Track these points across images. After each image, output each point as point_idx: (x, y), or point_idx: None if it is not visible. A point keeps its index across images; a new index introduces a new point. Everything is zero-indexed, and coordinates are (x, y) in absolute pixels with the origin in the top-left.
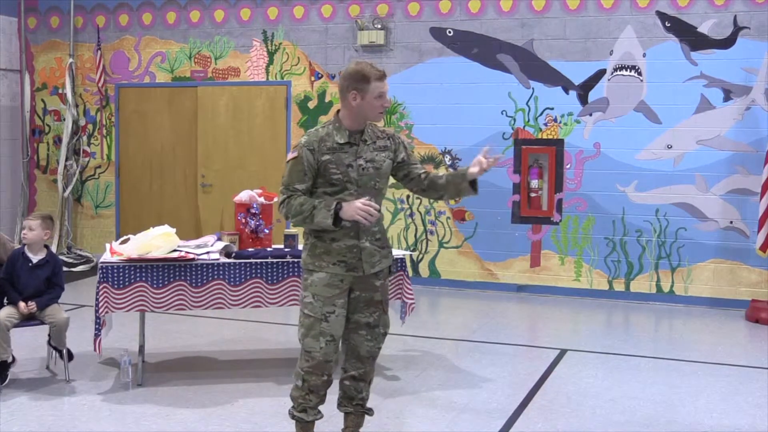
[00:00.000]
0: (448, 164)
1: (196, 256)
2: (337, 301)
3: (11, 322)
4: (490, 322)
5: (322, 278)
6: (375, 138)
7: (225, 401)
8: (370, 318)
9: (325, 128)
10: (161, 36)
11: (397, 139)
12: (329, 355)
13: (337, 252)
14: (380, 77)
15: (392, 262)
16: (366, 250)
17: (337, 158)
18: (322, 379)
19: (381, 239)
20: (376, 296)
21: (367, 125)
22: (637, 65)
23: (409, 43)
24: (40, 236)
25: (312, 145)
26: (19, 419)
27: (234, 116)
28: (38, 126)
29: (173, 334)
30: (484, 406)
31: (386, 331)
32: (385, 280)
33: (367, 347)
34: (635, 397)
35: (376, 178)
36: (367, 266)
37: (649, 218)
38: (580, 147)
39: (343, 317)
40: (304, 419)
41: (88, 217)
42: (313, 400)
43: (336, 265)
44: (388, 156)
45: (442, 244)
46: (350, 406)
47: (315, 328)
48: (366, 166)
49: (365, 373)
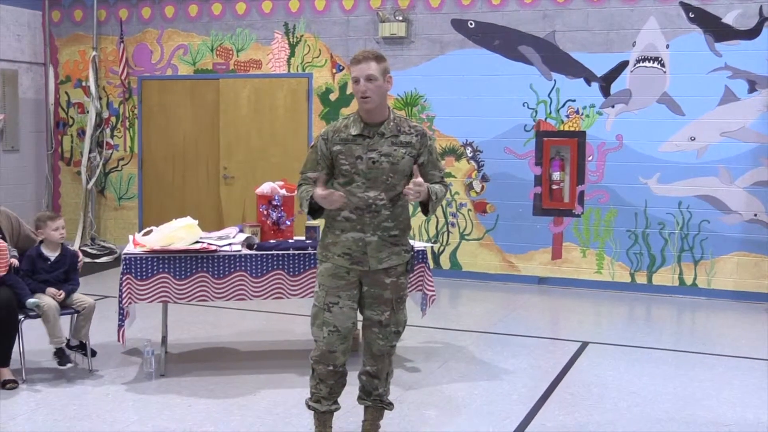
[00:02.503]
0: (470, 156)
1: (218, 248)
2: (342, 293)
3: (57, 307)
4: (511, 314)
5: (328, 268)
6: (397, 132)
7: (247, 392)
8: (381, 316)
9: (346, 119)
10: (183, 29)
11: (426, 140)
12: (333, 345)
13: (343, 244)
14: (354, 61)
15: (408, 261)
16: (372, 245)
17: (348, 149)
18: (328, 369)
19: (397, 236)
20: (386, 294)
21: (393, 118)
22: (661, 57)
23: (431, 35)
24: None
25: (327, 134)
26: (44, 408)
27: (256, 109)
28: (62, 118)
29: (195, 325)
30: (505, 398)
31: (399, 329)
32: (398, 278)
33: (379, 345)
34: (657, 390)
35: (389, 173)
36: (374, 261)
37: (672, 211)
38: (602, 139)
39: (349, 309)
40: (318, 409)
41: (111, 209)
42: (323, 390)
43: (341, 257)
44: (408, 153)
45: (463, 236)
46: (368, 400)
47: (319, 318)
48: (379, 159)
49: (378, 370)
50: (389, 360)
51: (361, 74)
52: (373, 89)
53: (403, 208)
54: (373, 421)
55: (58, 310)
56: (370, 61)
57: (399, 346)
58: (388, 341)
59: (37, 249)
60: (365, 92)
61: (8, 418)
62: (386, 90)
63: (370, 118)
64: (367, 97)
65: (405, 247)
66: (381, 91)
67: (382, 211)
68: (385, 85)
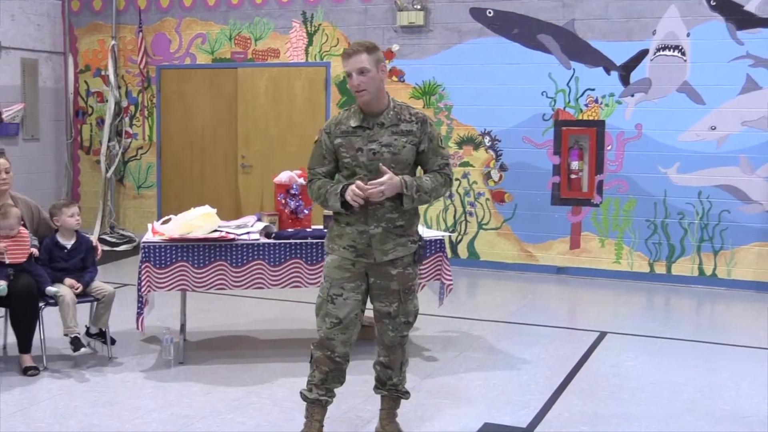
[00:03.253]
0: (488, 145)
1: (236, 237)
2: (347, 285)
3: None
4: (529, 303)
5: (333, 260)
6: (398, 121)
7: (265, 380)
8: (389, 307)
9: (347, 111)
10: (202, 17)
11: (427, 127)
12: (331, 333)
13: (348, 236)
14: (345, 55)
15: (416, 252)
16: (376, 237)
17: (348, 142)
18: (326, 353)
19: (402, 227)
20: (393, 285)
21: (393, 107)
22: (681, 45)
23: (449, 24)
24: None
25: (329, 128)
26: (64, 394)
27: (274, 97)
28: (81, 107)
29: (214, 314)
30: (522, 388)
31: (409, 320)
32: (404, 269)
33: (390, 336)
34: (676, 381)
35: (390, 164)
36: (379, 253)
37: (692, 200)
38: (622, 128)
39: (354, 301)
40: (307, 397)
41: (130, 198)
42: (316, 376)
43: (346, 249)
44: (410, 141)
45: (481, 225)
46: (384, 390)
47: (322, 309)
48: (380, 150)
49: (391, 360)
50: (402, 350)
51: (353, 68)
52: (367, 82)
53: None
54: (389, 410)
55: (74, 300)
56: (361, 54)
57: (416, 335)
58: (398, 332)
59: (52, 237)
60: (359, 86)
61: (30, 403)
62: (381, 80)
63: (368, 109)
64: (362, 91)
65: (411, 237)
66: (375, 82)
67: (386, 202)
68: (379, 75)
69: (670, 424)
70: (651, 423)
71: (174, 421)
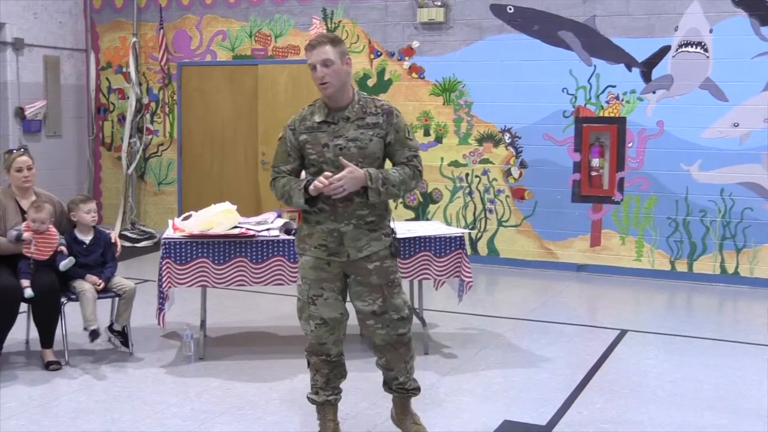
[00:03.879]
0: (508, 142)
1: (256, 233)
2: (326, 285)
3: (95, 293)
4: (549, 301)
5: (307, 261)
6: (363, 114)
7: (285, 376)
8: (373, 305)
9: (311, 107)
10: (222, 14)
11: (392, 118)
12: (321, 337)
13: (318, 235)
14: (308, 47)
15: (391, 244)
16: (348, 234)
17: (314, 138)
18: (321, 358)
19: (374, 222)
20: (373, 280)
21: (358, 100)
22: (704, 41)
23: (469, 20)
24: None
25: (294, 124)
26: (86, 389)
27: (294, 94)
28: (103, 104)
29: (234, 310)
30: (542, 386)
31: (402, 315)
32: (382, 262)
33: (381, 335)
34: (698, 380)
35: (358, 158)
36: (353, 251)
37: (714, 198)
38: (643, 125)
39: (335, 300)
40: (315, 400)
41: (151, 194)
42: (319, 380)
43: (317, 249)
44: (377, 134)
45: (501, 222)
46: (392, 390)
47: (305, 311)
48: (346, 145)
49: (389, 361)
50: (406, 348)
51: (316, 60)
52: (331, 74)
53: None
54: (402, 407)
55: (95, 295)
56: (325, 45)
57: (436, 332)
58: (392, 329)
59: (71, 233)
60: (323, 78)
61: (52, 398)
62: (346, 73)
63: (333, 103)
64: (325, 83)
65: (384, 231)
66: (340, 74)
67: (355, 198)
68: (344, 67)
69: (692, 423)
70: (672, 421)
71: (194, 417)
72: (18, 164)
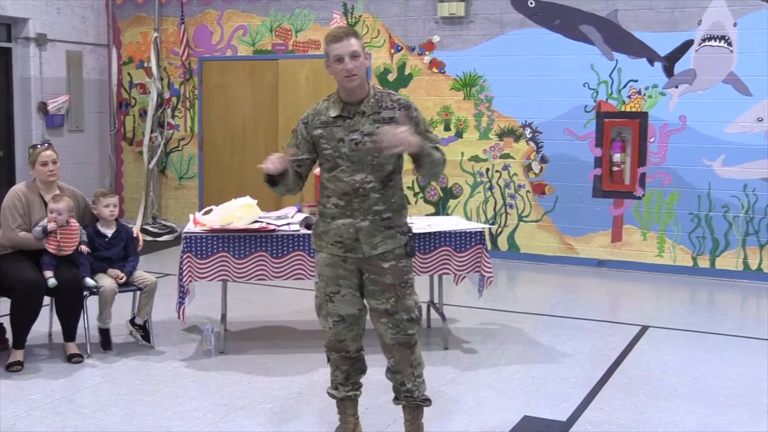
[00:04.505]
0: (528, 137)
1: (276, 228)
2: (343, 282)
3: (114, 291)
4: (570, 296)
5: (324, 258)
6: (379, 108)
7: (305, 370)
8: (386, 304)
9: (326, 101)
10: (243, 9)
11: (411, 112)
12: (340, 334)
13: (334, 232)
14: (335, 38)
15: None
16: (363, 230)
17: (329, 132)
18: (340, 354)
19: (389, 218)
20: (386, 279)
21: (373, 94)
22: (727, 35)
23: (490, 15)
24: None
25: (307, 118)
26: (108, 382)
27: (314, 89)
28: (125, 99)
29: (254, 304)
30: (562, 382)
31: (412, 316)
32: (397, 261)
33: (391, 335)
34: (719, 376)
35: (373, 153)
36: (367, 247)
37: (737, 193)
38: (665, 120)
39: (352, 297)
40: (335, 395)
41: (172, 188)
42: (339, 376)
43: (334, 246)
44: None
45: (521, 217)
46: (401, 400)
47: (323, 309)
48: (362, 140)
49: (396, 362)
50: (411, 351)
51: (345, 52)
52: (359, 66)
53: (395, 189)
54: (412, 421)
55: (114, 292)
56: (351, 38)
57: (456, 326)
58: (401, 330)
59: (94, 226)
60: (352, 70)
61: (74, 390)
62: (366, 66)
63: (350, 97)
64: (353, 76)
65: (400, 228)
66: (364, 67)
67: (371, 194)
68: (366, 61)
69: (713, 419)
70: (693, 418)
71: (214, 410)
72: (43, 158)
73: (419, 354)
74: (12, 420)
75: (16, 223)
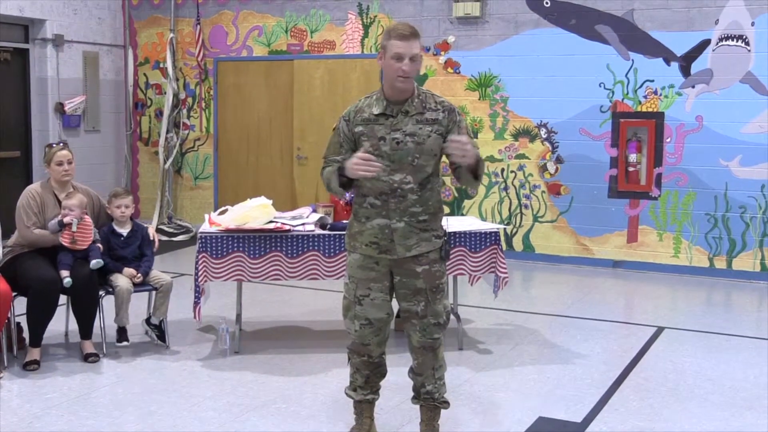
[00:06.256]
0: (544, 137)
1: (291, 228)
2: (373, 285)
3: (129, 291)
4: (585, 297)
5: (356, 259)
6: (423, 109)
7: (319, 370)
8: (417, 307)
9: (368, 98)
10: (258, 10)
11: (455, 116)
12: (365, 338)
13: (369, 232)
14: (400, 36)
15: (441, 247)
16: (399, 231)
17: (370, 130)
18: (362, 358)
19: (426, 221)
20: (418, 283)
21: (417, 95)
22: (745, 35)
23: (505, 15)
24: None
25: (349, 115)
26: (124, 381)
27: (329, 89)
28: (141, 99)
29: (269, 304)
30: (577, 382)
31: (440, 321)
32: (430, 266)
33: (417, 338)
34: (736, 378)
35: (414, 154)
36: (401, 249)
37: (754, 194)
38: (682, 120)
39: (382, 301)
40: (353, 397)
41: (187, 189)
42: (359, 379)
43: (368, 247)
44: (435, 131)
45: (536, 218)
46: (419, 400)
47: (351, 310)
48: (404, 140)
49: (420, 364)
50: (434, 354)
51: (408, 52)
52: (416, 69)
53: (432, 192)
54: (428, 422)
55: (130, 291)
56: (416, 39)
57: (471, 327)
58: (427, 334)
59: (109, 226)
60: (408, 72)
61: (90, 389)
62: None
63: (395, 96)
64: (408, 78)
65: (436, 232)
66: (418, 70)
67: (409, 195)
68: (420, 63)
69: (730, 422)
70: (709, 420)
71: (229, 410)
72: (59, 158)
73: (442, 356)
74: (29, 419)
75: (31, 221)
